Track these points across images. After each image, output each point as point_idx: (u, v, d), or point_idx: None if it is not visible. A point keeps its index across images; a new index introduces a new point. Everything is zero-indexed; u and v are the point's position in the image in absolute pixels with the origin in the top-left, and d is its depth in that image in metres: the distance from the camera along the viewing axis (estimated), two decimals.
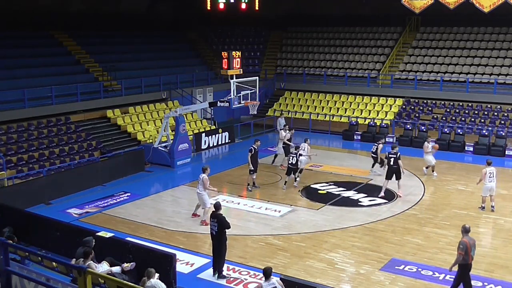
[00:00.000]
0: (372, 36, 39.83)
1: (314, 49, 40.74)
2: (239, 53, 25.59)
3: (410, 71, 35.77)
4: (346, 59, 38.86)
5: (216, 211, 13.81)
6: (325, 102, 35.88)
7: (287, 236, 16.60)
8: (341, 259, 15.06)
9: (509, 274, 14.09)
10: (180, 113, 25.89)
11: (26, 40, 30.47)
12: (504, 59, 34.06)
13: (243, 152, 27.66)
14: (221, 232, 13.61)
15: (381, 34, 39.74)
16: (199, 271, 14.24)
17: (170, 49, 38.27)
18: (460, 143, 28.45)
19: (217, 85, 35.17)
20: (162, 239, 16.34)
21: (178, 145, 25.25)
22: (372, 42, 39.37)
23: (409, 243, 16.14)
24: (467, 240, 12.22)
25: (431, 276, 13.98)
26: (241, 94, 25.03)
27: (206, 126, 31.49)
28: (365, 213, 18.86)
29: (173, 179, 23.62)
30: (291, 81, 38.39)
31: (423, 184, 22.30)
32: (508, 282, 13.60)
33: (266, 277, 10.95)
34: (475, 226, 17.52)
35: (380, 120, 32.59)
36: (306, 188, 21.71)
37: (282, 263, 14.61)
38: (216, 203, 14.18)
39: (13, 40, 29.41)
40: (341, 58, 39.06)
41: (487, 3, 29.89)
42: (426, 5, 31.36)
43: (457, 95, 32.66)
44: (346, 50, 39.58)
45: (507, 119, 30.42)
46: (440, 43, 37.03)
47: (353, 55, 38.93)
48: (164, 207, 19.75)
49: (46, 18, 31.42)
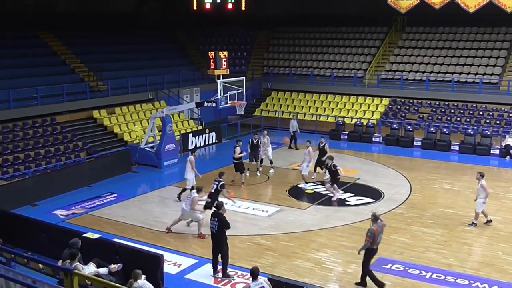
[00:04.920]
0: (358, 36, 39.99)
1: (301, 49, 40.82)
2: (226, 53, 25.57)
3: (396, 71, 35.95)
4: (333, 59, 38.97)
5: (217, 210, 13.80)
6: (312, 102, 35.96)
7: (274, 236, 16.61)
8: (329, 258, 15.10)
9: (495, 272, 14.19)
10: (167, 113, 25.83)
11: (12, 41, 30.21)
12: (489, 59, 34.34)
13: (230, 152, 27.68)
14: (221, 231, 13.60)
15: (367, 34, 39.91)
16: (187, 272, 14.22)
17: (156, 49, 38.15)
18: (446, 142, 28.64)
19: (204, 85, 35.13)
20: (150, 240, 16.30)
21: (165, 146, 25.18)
22: (358, 42, 39.51)
23: (396, 242, 16.22)
24: (375, 228, 13.01)
25: (418, 274, 14.05)
26: (228, 94, 25.00)
27: (193, 127, 31.43)
28: (352, 212, 18.93)
29: (160, 180, 23.56)
30: (278, 81, 38.43)
31: (410, 183, 22.41)
32: (494, 280, 13.70)
33: (253, 277, 10.96)
34: (461, 225, 17.68)
35: (367, 120, 32.73)
36: (293, 188, 21.74)
37: (270, 263, 14.63)
38: (219, 203, 14.23)
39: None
40: (327, 58, 39.16)
41: (472, 4, 30.09)
42: (412, 5, 31.50)
43: (443, 94, 32.89)
44: (332, 50, 39.69)
45: (492, 118, 30.68)
46: (426, 43, 37.26)
47: (340, 55, 39.04)
48: (151, 207, 19.69)
49: (32, 18, 31.22)
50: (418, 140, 29.35)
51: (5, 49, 28.89)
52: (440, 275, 13.96)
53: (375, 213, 13.36)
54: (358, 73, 36.65)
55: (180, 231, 17.04)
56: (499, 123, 30.23)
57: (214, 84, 25.09)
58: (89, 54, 32.67)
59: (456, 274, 14.00)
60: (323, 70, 38.23)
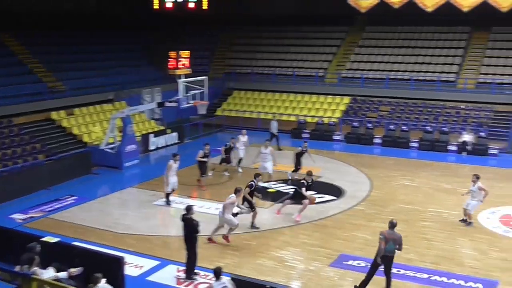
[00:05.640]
0: (319, 35, 40.29)
1: (263, 48, 40.92)
2: (188, 53, 25.42)
3: (357, 70, 36.36)
4: (294, 58, 39.18)
5: (185, 214, 13.65)
6: (274, 101, 36.11)
7: (237, 235, 16.58)
8: (291, 256, 15.17)
9: (454, 266, 14.49)
10: (128, 114, 25.57)
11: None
12: (446, 58, 35.07)
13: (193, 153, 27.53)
14: (188, 235, 13.50)
15: (328, 34, 40.26)
16: (149, 274, 14.08)
17: (117, 49, 37.73)
18: (406, 139, 29.12)
19: (166, 85, 34.80)
20: (111, 242, 16.08)
21: (126, 147, 24.91)
22: (319, 42, 39.82)
23: (357, 239, 16.40)
24: (385, 232, 12.95)
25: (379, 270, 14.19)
26: (190, 94, 24.89)
27: (154, 127, 31.18)
28: (314, 210, 19.01)
29: (120, 181, 23.26)
30: (240, 81, 38.45)
31: (370, 181, 22.68)
32: (454, 274, 13.99)
33: (216, 277, 10.96)
34: (422, 220, 17.99)
35: (328, 118, 33.03)
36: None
37: (233, 263, 14.61)
38: (187, 206, 13.99)
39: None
40: (289, 58, 39.36)
41: (430, 3, 30.70)
42: (371, 4, 31.95)
43: (402, 92, 33.41)
44: (294, 50, 39.91)
45: (450, 116, 31.34)
46: (386, 42, 37.81)
47: (301, 54, 39.28)
48: (112, 209, 19.44)
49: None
50: (378, 138, 29.75)
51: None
52: (400, 269, 14.16)
53: (392, 221, 13.18)
54: (319, 72, 36.93)
55: (141, 233, 16.88)
56: (456, 120, 30.89)
57: (176, 84, 24.91)
58: (47, 54, 32.07)
59: (416, 268, 14.24)
60: (284, 69, 38.39)
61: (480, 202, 17.43)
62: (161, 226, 18.00)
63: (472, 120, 30.64)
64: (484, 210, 18.77)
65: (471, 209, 17.46)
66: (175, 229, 17.17)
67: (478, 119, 30.61)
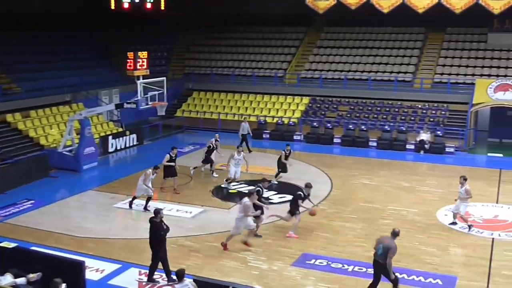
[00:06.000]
0: (278, 36, 40.47)
1: (222, 49, 40.83)
2: (146, 54, 25.20)
3: (316, 70, 36.64)
4: (253, 58, 39.24)
5: (153, 217, 13.46)
6: (234, 102, 36.08)
7: (199, 237, 16.52)
8: (254, 256, 15.18)
9: (414, 263, 14.76)
10: (85, 115, 25.19)
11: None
12: (403, 58, 35.69)
13: (152, 154, 27.35)
14: (152, 238, 13.34)
15: (287, 34, 40.47)
16: (110, 277, 13.88)
17: (74, 50, 37.05)
18: (364, 138, 29.51)
19: (124, 87, 34.35)
20: (70, 246, 15.77)
21: (84, 149, 24.51)
22: (278, 42, 40.00)
23: (319, 238, 16.53)
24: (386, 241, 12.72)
25: (341, 268, 14.39)
26: (149, 95, 24.64)
27: (113, 129, 30.76)
28: (275, 210, 19.07)
29: (79, 184, 22.85)
30: (199, 81, 38.29)
31: (331, 180, 22.89)
32: (414, 270, 14.24)
33: (179, 279, 10.88)
34: (382, 218, 18.24)
35: (288, 118, 33.20)
36: (216, 188, 21.71)
37: (195, 264, 14.53)
38: (156, 209, 13.75)
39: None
40: (248, 58, 39.40)
41: (386, 4, 31.23)
42: (329, 5, 32.29)
43: (360, 92, 33.83)
44: (253, 50, 39.97)
45: (407, 115, 31.89)
46: (344, 43, 38.23)
47: (260, 55, 39.37)
48: (71, 213, 19.10)
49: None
50: (338, 137, 30.08)
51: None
52: (362, 267, 14.34)
53: (394, 229, 12.95)
54: (278, 73, 37.09)
55: (101, 237, 16.64)
56: (414, 119, 31.46)
57: (134, 85, 24.62)
58: (1, 54, 31.24)
59: None
60: (244, 70, 38.41)
61: (467, 203, 17.15)
62: (121, 229, 17.76)
63: (429, 119, 31.25)
64: (442, 207, 19.20)
65: (462, 211, 17.19)
66: (136, 231, 17.04)
67: (435, 118, 31.25)
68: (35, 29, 34.88)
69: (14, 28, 33.47)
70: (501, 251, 15.65)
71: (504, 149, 29.03)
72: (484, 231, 17.11)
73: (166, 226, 13.46)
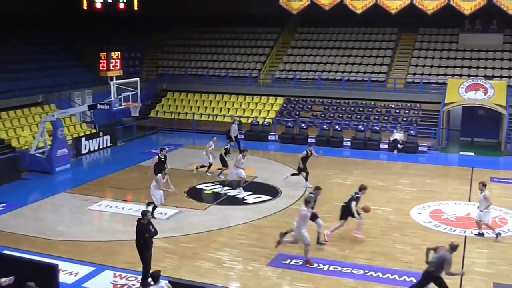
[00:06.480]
0: (252, 36, 40.50)
1: (196, 49, 40.72)
2: (119, 54, 24.99)
3: (290, 71, 36.75)
4: (228, 59, 39.20)
5: (140, 219, 13.22)
6: (208, 102, 35.97)
7: (174, 238, 16.43)
8: (229, 257, 15.15)
9: (388, 261, 14.87)
10: (58, 117, 24.87)
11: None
12: (376, 58, 35.99)
13: (126, 156, 27.17)
14: (137, 240, 13.17)
15: (261, 35, 40.51)
16: (84, 280, 13.71)
17: (46, 51, 36.55)
18: (339, 138, 29.68)
19: (97, 87, 33.99)
20: (44, 249, 15.55)
21: (57, 151, 24.20)
22: (252, 43, 40.02)
23: None
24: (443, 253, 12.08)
25: (316, 267, 14.42)
26: (122, 96, 24.43)
27: (86, 130, 30.43)
28: (251, 210, 19.12)
29: (52, 186, 22.54)
30: (173, 82, 38.12)
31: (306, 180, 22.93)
32: (388, 269, 14.34)
33: (154, 280, 10.81)
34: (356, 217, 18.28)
35: (263, 119, 33.22)
36: (191, 189, 21.63)
37: (171, 266, 14.45)
38: (142, 211, 13.52)
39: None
40: (222, 58, 39.34)
41: (359, 5, 31.45)
42: (303, 6, 32.40)
43: (334, 93, 34.00)
44: (227, 50, 39.93)
45: (381, 115, 32.16)
46: (317, 43, 38.42)
47: (234, 55, 39.34)
48: (44, 216, 18.82)
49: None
50: (312, 137, 30.20)
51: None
52: (337, 266, 14.42)
53: (453, 243, 12.19)
54: (252, 73, 37.11)
55: (75, 239, 16.44)
56: (387, 119, 31.74)
57: (108, 86, 24.40)
58: None
59: (352, 265, 14.51)
60: (218, 70, 38.34)
61: (487, 210, 16.48)
62: (95, 231, 17.55)
63: (402, 118, 31.56)
64: (415, 206, 19.41)
65: (484, 220, 16.51)
66: (110, 234, 16.89)
67: (408, 117, 31.57)
68: (8, 29, 34.31)
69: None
70: (473, 248, 15.87)
71: (476, 148, 29.49)
72: (457, 229, 17.34)
73: (154, 229, 13.22)
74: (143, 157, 26.55)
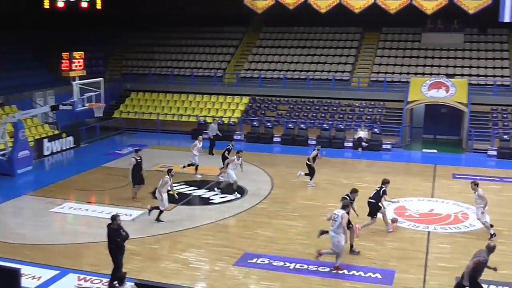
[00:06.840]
0: (217, 35, 40.39)
1: (160, 49, 40.47)
2: (82, 54, 24.62)
3: (255, 70, 36.78)
4: (192, 58, 39.03)
5: (109, 224, 12.98)
6: (173, 102, 35.77)
7: (140, 239, 16.26)
8: (195, 258, 15.08)
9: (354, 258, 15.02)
10: (19, 118, 24.40)
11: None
12: (341, 57, 36.31)
13: (89, 157, 26.82)
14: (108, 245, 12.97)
15: (225, 34, 40.45)
16: (47, 284, 13.47)
17: (6, 50, 35.75)
18: (304, 137, 29.84)
19: (59, 88, 33.44)
20: (5, 253, 15.18)
21: (18, 153, 23.73)
22: (217, 42, 39.92)
23: (260, 237, 16.58)
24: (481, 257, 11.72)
25: (283, 266, 14.47)
26: (85, 96, 24.11)
27: (48, 131, 29.90)
28: (216, 210, 19.08)
29: (14, 189, 22.08)
30: (138, 82, 37.78)
31: (271, 179, 23.02)
32: (354, 265, 14.49)
33: (120, 283, 10.68)
34: (322, 215, 18.27)
35: (228, 118, 33.18)
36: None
37: (136, 268, 14.28)
38: (112, 215, 13.16)
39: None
40: (187, 58, 39.16)
41: (323, 5, 31.61)
42: (267, 5, 32.41)
43: (299, 92, 34.17)
44: (192, 50, 39.76)
45: (345, 113, 32.45)
46: (282, 42, 38.55)
47: (199, 55, 39.21)
48: (5, 219, 18.43)
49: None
50: (278, 136, 30.32)
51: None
52: (303, 265, 14.49)
53: (489, 244, 11.89)
54: (217, 73, 37.01)
55: (38, 243, 16.14)
56: (352, 117, 32.03)
57: (70, 86, 24.05)
58: None
59: (318, 263, 14.56)
60: (183, 70, 38.14)
61: (482, 209, 16.30)
62: (58, 234, 17.26)
63: (366, 117, 31.90)
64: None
65: (481, 219, 16.46)
66: (74, 236, 16.64)
67: (372, 116, 31.92)
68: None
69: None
70: (436, 243, 16.15)
71: (438, 145, 29.99)
72: (420, 225, 17.61)
73: (126, 233, 12.99)
74: (107, 158, 26.27)
